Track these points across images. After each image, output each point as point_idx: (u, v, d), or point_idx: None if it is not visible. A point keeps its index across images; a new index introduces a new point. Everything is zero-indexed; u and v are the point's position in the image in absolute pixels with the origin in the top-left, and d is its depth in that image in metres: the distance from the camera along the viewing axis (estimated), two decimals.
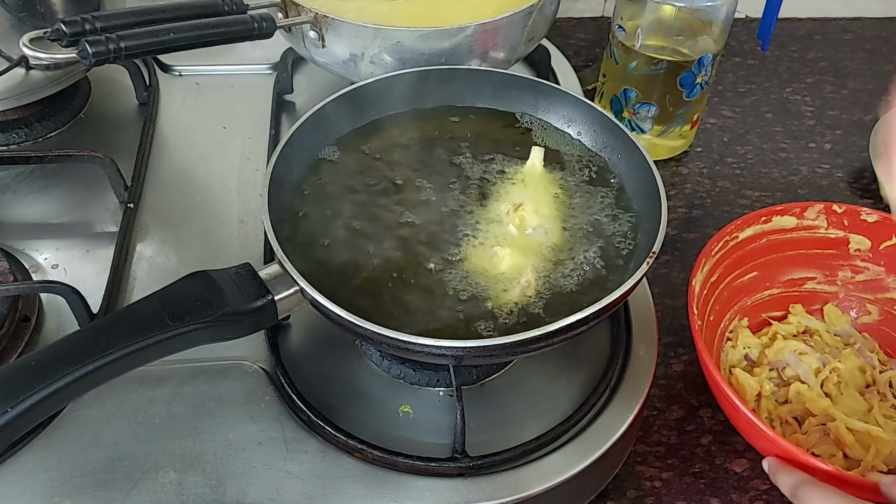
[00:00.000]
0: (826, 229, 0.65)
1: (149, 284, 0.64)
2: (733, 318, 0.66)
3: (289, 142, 0.59)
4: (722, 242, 0.62)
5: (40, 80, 0.72)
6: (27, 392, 0.42)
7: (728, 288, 0.65)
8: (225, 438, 0.54)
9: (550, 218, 0.59)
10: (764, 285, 0.67)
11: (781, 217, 0.64)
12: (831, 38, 1.06)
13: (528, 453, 0.54)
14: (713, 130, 0.90)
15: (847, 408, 0.60)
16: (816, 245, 0.66)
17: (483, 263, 0.55)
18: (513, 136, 0.66)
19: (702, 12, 0.76)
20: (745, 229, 0.63)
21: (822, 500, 0.48)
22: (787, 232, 0.65)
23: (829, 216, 0.65)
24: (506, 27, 0.70)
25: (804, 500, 0.48)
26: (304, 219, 0.58)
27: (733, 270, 0.64)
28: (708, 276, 0.62)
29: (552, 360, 0.60)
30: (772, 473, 0.52)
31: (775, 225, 0.65)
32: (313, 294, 0.49)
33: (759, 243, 0.65)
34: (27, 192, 0.72)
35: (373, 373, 0.59)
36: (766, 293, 0.67)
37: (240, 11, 0.66)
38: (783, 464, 0.51)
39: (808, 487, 0.49)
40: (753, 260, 0.65)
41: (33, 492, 0.51)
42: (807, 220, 0.65)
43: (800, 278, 0.68)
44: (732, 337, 0.65)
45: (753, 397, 0.61)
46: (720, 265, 0.63)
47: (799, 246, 0.66)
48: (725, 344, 0.65)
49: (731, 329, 0.66)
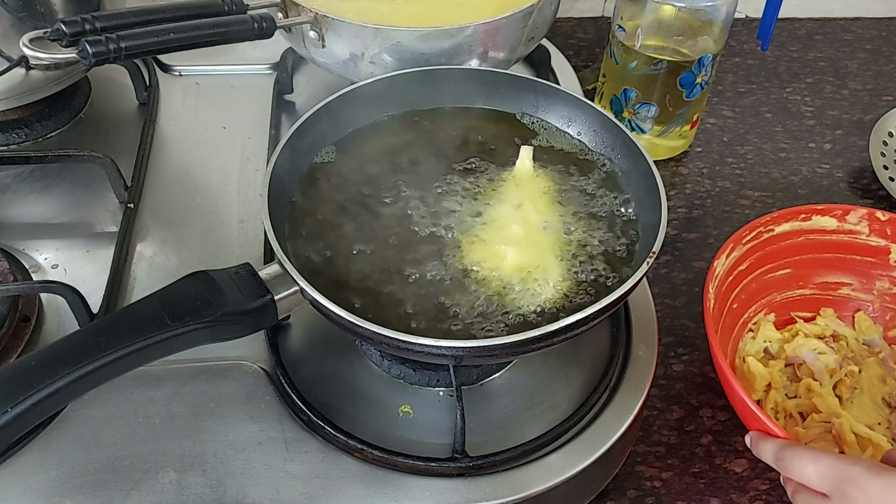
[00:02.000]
0: (867, 236, 0.64)
1: (149, 284, 0.65)
2: (759, 311, 0.65)
3: (289, 142, 0.59)
4: (755, 232, 0.61)
5: (40, 80, 0.72)
6: (27, 392, 0.42)
7: (757, 280, 0.64)
8: (225, 438, 0.54)
9: (551, 217, 0.59)
10: (796, 284, 0.66)
11: (822, 217, 0.63)
12: (831, 38, 1.06)
13: (528, 453, 0.54)
14: (713, 130, 0.90)
15: (856, 415, 0.60)
16: (856, 251, 0.65)
17: (486, 263, 0.55)
18: (513, 134, 0.66)
19: (702, 12, 0.76)
20: (783, 223, 0.62)
21: (802, 457, 0.48)
22: (826, 233, 0.64)
23: (871, 223, 0.63)
24: (506, 27, 0.70)
25: (789, 461, 0.49)
26: (304, 219, 0.58)
27: (765, 263, 0.63)
28: (736, 263, 0.61)
29: (552, 360, 0.60)
30: (753, 446, 0.52)
31: (815, 224, 0.63)
32: (313, 294, 0.49)
33: (796, 240, 0.63)
34: (27, 192, 0.73)
35: (373, 373, 0.59)
36: (798, 292, 0.66)
37: (240, 11, 0.66)
38: (763, 435, 0.51)
39: (790, 448, 0.49)
40: (788, 257, 0.64)
41: (33, 492, 0.51)
42: (848, 224, 0.64)
43: (834, 282, 0.66)
44: (755, 329, 0.65)
45: (762, 387, 0.61)
46: (751, 255, 0.62)
47: (837, 249, 0.65)
48: (746, 334, 0.65)
49: (755, 321, 0.65)
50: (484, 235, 0.57)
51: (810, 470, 0.47)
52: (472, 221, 0.58)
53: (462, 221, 0.58)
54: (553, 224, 0.58)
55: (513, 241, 0.56)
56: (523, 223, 0.58)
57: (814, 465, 0.47)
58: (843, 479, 0.46)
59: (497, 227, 0.58)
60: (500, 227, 0.58)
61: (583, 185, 0.61)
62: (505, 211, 0.59)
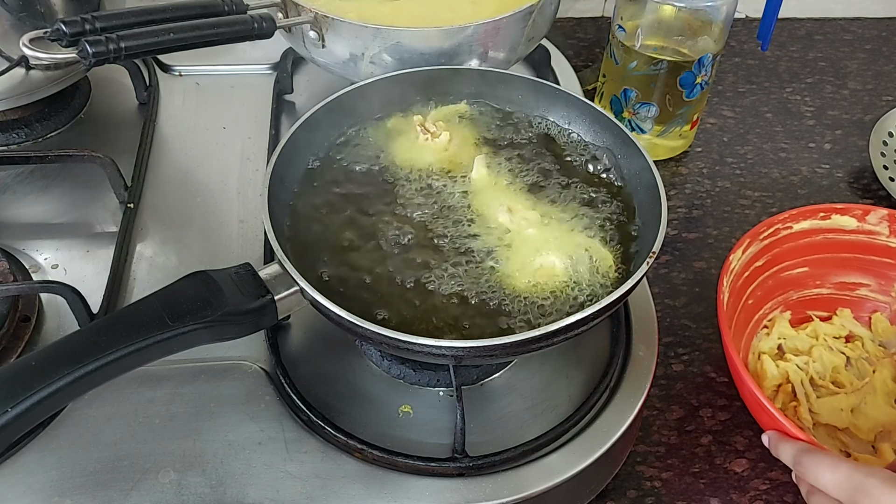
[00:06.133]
0: (888, 237, 0.64)
1: (149, 284, 0.64)
2: (775, 309, 0.65)
3: (289, 142, 0.59)
4: (773, 229, 0.61)
5: (40, 80, 0.72)
6: (27, 392, 0.42)
7: (774, 277, 0.63)
8: (225, 438, 0.54)
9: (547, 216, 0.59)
10: (813, 283, 0.66)
11: (841, 217, 0.63)
12: (831, 38, 1.06)
13: (528, 453, 0.54)
14: (713, 130, 0.90)
15: (869, 416, 0.60)
16: (875, 252, 0.64)
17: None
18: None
19: (702, 12, 0.76)
20: (801, 221, 0.62)
21: (820, 464, 0.48)
22: (845, 233, 0.63)
23: (891, 223, 0.63)
24: (506, 27, 0.70)
25: (807, 466, 0.49)
26: (305, 219, 0.58)
27: (782, 260, 0.63)
28: (752, 259, 0.60)
29: (552, 360, 0.60)
30: (772, 446, 0.53)
31: (834, 223, 0.63)
32: (313, 294, 0.49)
33: (815, 239, 0.63)
34: (27, 192, 0.73)
35: (373, 373, 0.59)
36: (815, 291, 0.66)
37: (240, 11, 0.66)
38: (782, 436, 0.52)
39: (809, 454, 0.49)
40: (806, 255, 0.64)
41: (33, 492, 0.51)
42: (868, 225, 0.63)
43: (852, 283, 0.66)
44: (770, 325, 0.65)
45: (774, 385, 0.61)
46: (768, 251, 0.62)
47: (856, 249, 0.64)
48: (760, 331, 0.64)
49: (770, 318, 0.65)
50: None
51: (828, 478, 0.48)
52: (471, 216, 0.58)
53: (462, 218, 0.58)
54: (552, 221, 0.58)
55: (512, 239, 0.56)
56: (524, 222, 0.58)
57: (831, 474, 0.47)
58: (859, 491, 0.46)
59: (497, 227, 0.57)
60: (500, 225, 0.57)
61: (582, 186, 0.61)
62: (500, 214, 0.58)
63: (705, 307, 0.71)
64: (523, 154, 0.63)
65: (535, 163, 0.62)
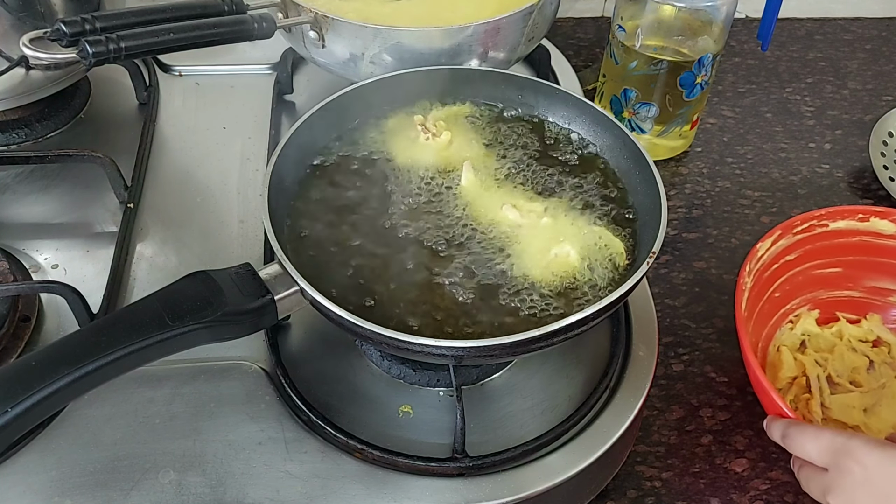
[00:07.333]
0: None
1: (149, 284, 0.64)
2: (802, 305, 0.65)
3: (289, 142, 0.59)
4: (808, 224, 0.60)
5: (40, 80, 0.72)
6: (27, 392, 0.42)
7: (804, 274, 0.63)
8: (225, 438, 0.54)
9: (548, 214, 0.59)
10: (845, 284, 0.65)
11: (880, 220, 0.62)
12: (831, 38, 1.06)
13: (528, 453, 0.54)
14: (713, 130, 0.90)
15: (885, 419, 0.60)
16: None
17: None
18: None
19: (702, 12, 0.76)
20: (838, 220, 0.61)
21: (805, 433, 0.49)
22: (882, 237, 0.62)
23: None
24: (506, 27, 0.70)
25: (793, 438, 0.49)
26: (305, 219, 0.58)
27: (815, 258, 0.62)
28: (784, 252, 0.60)
29: (552, 360, 0.60)
30: (767, 428, 0.53)
31: (872, 226, 0.62)
32: (313, 294, 0.49)
33: (850, 240, 0.62)
34: (27, 192, 0.73)
35: (373, 373, 0.59)
36: (846, 293, 0.65)
37: (240, 11, 0.66)
38: (776, 417, 0.52)
39: (794, 427, 0.50)
40: (840, 255, 0.63)
41: (33, 492, 0.51)
42: None
43: (885, 288, 0.65)
44: (795, 321, 0.64)
45: (788, 377, 0.61)
46: (801, 246, 0.61)
47: (892, 255, 0.63)
48: (784, 325, 0.64)
49: (797, 314, 0.64)
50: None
51: (812, 446, 0.48)
52: (469, 213, 0.58)
53: (462, 217, 0.58)
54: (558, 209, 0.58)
55: (513, 238, 0.56)
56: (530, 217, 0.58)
57: (815, 441, 0.48)
58: (841, 453, 0.46)
59: (495, 226, 0.57)
60: (499, 225, 0.57)
61: (582, 186, 0.61)
62: (505, 212, 0.58)
63: (705, 307, 0.71)
64: (523, 154, 0.63)
65: (535, 163, 0.62)
